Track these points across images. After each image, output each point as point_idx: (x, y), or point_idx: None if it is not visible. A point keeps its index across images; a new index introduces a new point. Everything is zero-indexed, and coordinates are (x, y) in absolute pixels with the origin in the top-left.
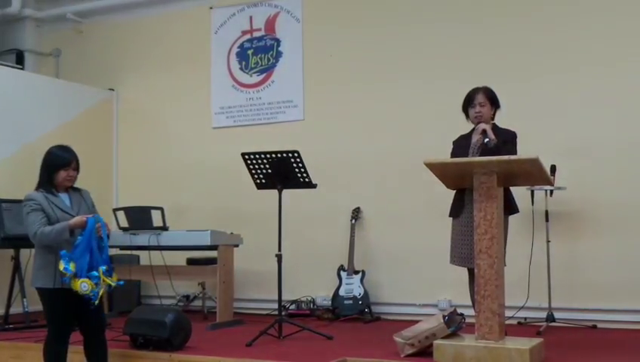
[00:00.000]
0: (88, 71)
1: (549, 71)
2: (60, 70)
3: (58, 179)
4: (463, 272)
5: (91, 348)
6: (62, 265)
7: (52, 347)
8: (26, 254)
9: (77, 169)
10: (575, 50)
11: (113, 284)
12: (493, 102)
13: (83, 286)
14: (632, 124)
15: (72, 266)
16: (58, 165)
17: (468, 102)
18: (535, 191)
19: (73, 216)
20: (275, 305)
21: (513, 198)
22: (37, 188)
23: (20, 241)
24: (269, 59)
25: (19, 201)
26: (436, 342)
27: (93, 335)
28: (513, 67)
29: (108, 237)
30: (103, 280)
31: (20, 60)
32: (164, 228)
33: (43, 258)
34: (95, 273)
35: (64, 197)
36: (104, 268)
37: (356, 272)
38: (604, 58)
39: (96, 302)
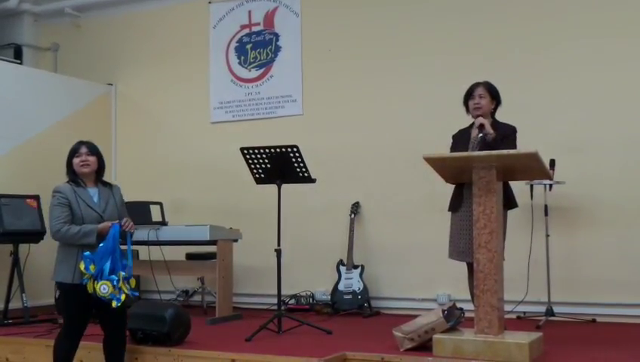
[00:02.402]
0: (87, 66)
1: (549, 66)
2: (58, 65)
3: (76, 169)
4: (462, 267)
5: (111, 344)
6: (82, 265)
7: (63, 342)
8: (24, 249)
9: (92, 153)
10: (575, 45)
11: (128, 293)
12: (494, 96)
13: (103, 288)
14: (631, 119)
15: (92, 268)
16: (70, 156)
17: (468, 95)
18: (534, 186)
19: (98, 213)
20: (275, 300)
21: (512, 193)
22: (67, 181)
23: (19, 236)
24: (267, 54)
25: (18, 196)
26: (435, 337)
27: (114, 331)
28: (513, 62)
29: (131, 236)
30: (122, 286)
31: (18, 55)
32: (163, 223)
33: (65, 252)
34: (114, 276)
35: (93, 192)
36: (124, 273)
37: (355, 267)
38: (604, 53)
39: (119, 304)
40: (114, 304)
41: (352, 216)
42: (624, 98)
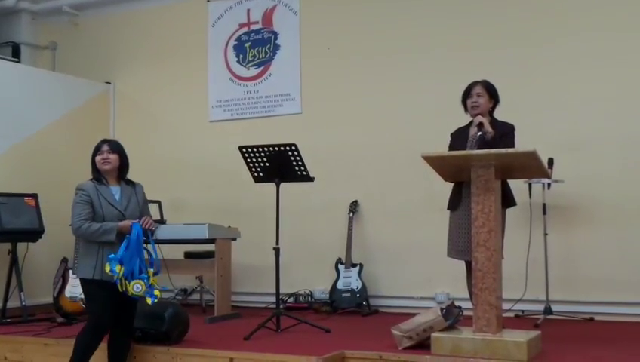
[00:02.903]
0: (85, 64)
1: (548, 64)
2: (56, 63)
3: (98, 166)
4: (461, 265)
5: (116, 343)
6: (108, 267)
7: (84, 337)
8: (22, 248)
9: (113, 151)
10: (574, 43)
11: (159, 288)
12: (492, 94)
13: (136, 287)
14: (630, 117)
15: (118, 269)
16: (93, 154)
17: (466, 94)
18: (533, 184)
19: (119, 211)
20: (273, 299)
21: (511, 191)
22: (91, 179)
23: (17, 235)
24: (266, 53)
25: (16, 195)
26: (434, 335)
27: (123, 330)
28: (512, 60)
29: (152, 234)
30: (152, 283)
31: (16, 53)
32: (162, 221)
33: (86, 248)
34: (145, 275)
35: (115, 189)
36: (152, 269)
37: (354, 265)
38: (603, 51)
39: (155, 300)
40: (149, 301)
41: (351, 214)
42: (623, 97)
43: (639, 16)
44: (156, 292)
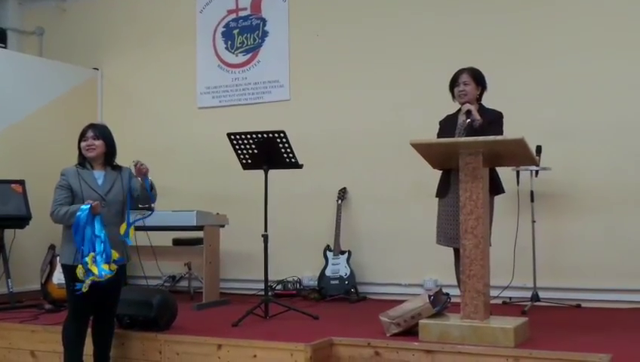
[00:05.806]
0: (72, 50)
1: (536, 52)
2: (43, 49)
3: (83, 152)
4: (449, 252)
5: (100, 328)
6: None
7: (68, 326)
8: (9, 234)
9: (98, 137)
10: (562, 32)
11: (96, 274)
12: (479, 81)
13: (80, 272)
14: (617, 106)
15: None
16: (79, 139)
17: (453, 82)
18: (521, 172)
19: (99, 195)
20: (262, 285)
21: (499, 179)
22: (76, 164)
23: (4, 222)
24: (254, 39)
25: (3, 182)
26: (422, 322)
27: (106, 316)
28: (500, 48)
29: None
30: (91, 268)
31: (2, 39)
32: (150, 208)
33: (66, 233)
34: (86, 259)
35: (99, 174)
36: (100, 253)
37: (342, 252)
38: (591, 40)
39: (83, 289)
40: (83, 288)
41: (339, 201)
42: (611, 85)
43: (629, 6)
44: (88, 280)
